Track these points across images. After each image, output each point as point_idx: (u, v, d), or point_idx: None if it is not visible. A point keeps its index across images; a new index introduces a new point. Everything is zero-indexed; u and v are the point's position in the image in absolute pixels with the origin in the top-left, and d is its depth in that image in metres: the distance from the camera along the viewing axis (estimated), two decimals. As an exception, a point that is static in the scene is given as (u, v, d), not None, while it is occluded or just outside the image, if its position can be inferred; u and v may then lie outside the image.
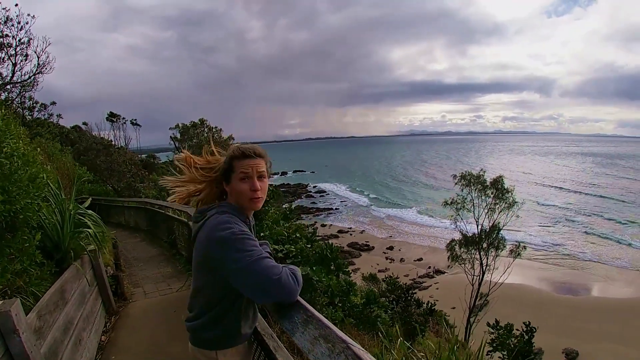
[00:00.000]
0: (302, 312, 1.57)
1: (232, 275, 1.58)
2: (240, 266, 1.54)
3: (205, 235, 1.68)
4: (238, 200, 1.82)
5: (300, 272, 1.75)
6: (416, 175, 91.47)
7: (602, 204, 51.63)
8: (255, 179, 1.79)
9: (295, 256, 6.50)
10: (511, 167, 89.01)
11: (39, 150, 4.15)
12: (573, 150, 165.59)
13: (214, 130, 20.80)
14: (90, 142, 21.14)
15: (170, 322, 4.82)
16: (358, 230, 43.99)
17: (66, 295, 3.36)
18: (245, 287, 1.59)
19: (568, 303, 23.69)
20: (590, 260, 31.14)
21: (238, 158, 1.81)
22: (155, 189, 20.08)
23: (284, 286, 1.57)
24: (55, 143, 15.63)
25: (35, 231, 3.18)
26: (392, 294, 12.92)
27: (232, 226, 1.63)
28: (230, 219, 1.68)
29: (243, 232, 1.63)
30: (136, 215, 14.44)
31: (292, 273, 1.65)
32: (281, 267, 1.62)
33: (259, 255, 1.57)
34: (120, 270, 7.04)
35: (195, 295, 1.83)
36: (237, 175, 1.79)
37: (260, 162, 1.84)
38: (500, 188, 21.87)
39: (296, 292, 1.64)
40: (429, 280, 29.25)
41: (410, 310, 10.71)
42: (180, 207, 9.81)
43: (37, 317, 2.59)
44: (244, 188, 1.78)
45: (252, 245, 1.60)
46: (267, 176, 1.89)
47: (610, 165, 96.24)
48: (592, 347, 18.57)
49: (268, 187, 1.91)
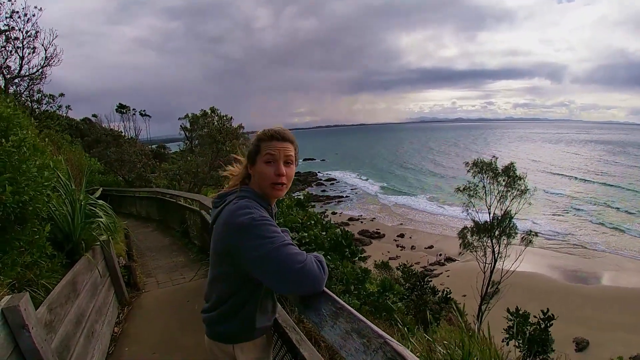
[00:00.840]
0: (331, 304, 1.43)
1: (251, 264, 1.47)
2: (260, 254, 1.43)
3: (223, 221, 1.60)
4: (260, 185, 1.70)
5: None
6: (423, 163, 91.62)
7: (612, 193, 51.15)
8: (282, 164, 1.68)
9: (308, 243, 6.41)
10: (520, 154, 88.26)
11: (47, 141, 4.05)
12: (584, 137, 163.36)
13: (225, 119, 20.70)
14: (100, 133, 21.17)
15: (183, 313, 4.77)
16: (369, 218, 44.16)
17: (78, 287, 3.31)
18: (266, 276, 1.47)
19: (579, 292, 23.61)
20: (599, 250, 30.97)
21: (265, 140, 1.69)
22: (167, 179, 20.14)
23: (309, 275, 1.44)
24: (65, 135, 15.66)
25: (45, 223, 3.11)
26: (407, 282, 12.81)
27: (251, 211, 1.53)
28: (250, 204, 1.59)
29: (264, 218, 1.53)
30: (148, 205, 14.47)
31: (317, 260, 1.52)
32: (305, 255, 1.49)
33: (281, 242, 1.45)
34: (133, 260, 7.02)
35: (212, 284, 1.76)
36: (263, 157, 1.68)
37: (289, 147, 1.72)
38: (512, 175, 21.68)
39: (322, 281, 1.50)
40: (440, 268, 29.29)
41: (425, 299, 10.61)
42: (191, 195, 9.79)
43: (47, 311, 2.52)
44: (268, 171, 1.66)
45: (273, 231, 1.49)
46: (295, 164, 1.78)
47: (621, 153, 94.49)
48: (602, 336, 18.49)
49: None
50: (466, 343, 3.46)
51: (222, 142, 19.22)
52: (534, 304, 18.57)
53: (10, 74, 11.03)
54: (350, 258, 7.36)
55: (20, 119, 3.14)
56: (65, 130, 18.31)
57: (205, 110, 21.40)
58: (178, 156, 26.86)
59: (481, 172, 22.59)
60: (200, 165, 19.44)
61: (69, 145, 10.28)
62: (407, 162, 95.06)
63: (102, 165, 19.32)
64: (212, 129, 19.77)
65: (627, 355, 16.36)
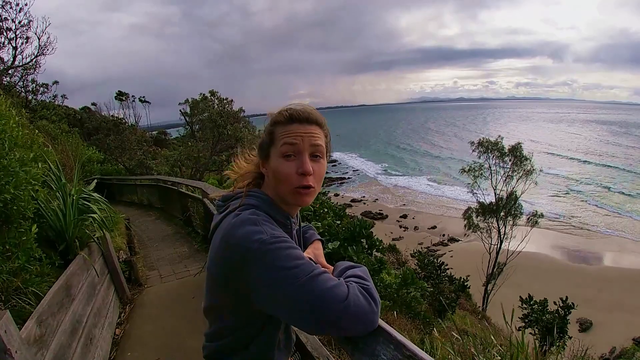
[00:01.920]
0: (395, 349, 0.99)
1: (268, 304, 1.03)
2: (280, 293, 0.98)
3: (220, 241, 1.13)
4: (277, 189, 1.21)
5: (369, 273, 1.17)
6: (419, 144, 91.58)
7: (612, 174, 50.99)
8: (307, 157, 1.16)
9: (322, 234, 6.06)
10: (518, 134, 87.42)
11: (37, 132, 3.74)
12: (585, 117, 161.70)
13: (225, 102, 20.33)
14: (100, 121, 20.87)
15: (189, 311, 4.48)
16: (371, 199, 44.31)
17: (72, 291, 3.01)
18: (293, 320, 1.03)
19: (581, 272, 23.70)
20: (599, 231, 31.04)
21: (282, 122, 1.18)
22: (168, 165, 19.89)
23: (357, 315, 0.98)
24: (62, 125, 15.37)
25: (33, 222, 2.81)
26: (423, 271, 12.50)
27: (259, 229, 1.05)
28: (257, 218, 1.10)
29: (277, 239, 1.04)
30: (149, 193, 14.25)
31: (363, 289, 1.05)
32: (345, 285, 1.01)
33: (309, 273, 0.99)
34: (135, 252, 6.76)
35: (209, 314, 1.29)
36: (279, 149, 1.16)
37: (317, 132, 1.19)
38: (518, 155, 21.43)
39: (376, 317, 1.03)
40: (443, 248, 29.35)
41: (441, 287, 10.36)
42: (193, 183, 9.53)
43: (36, 325, 2.21)
44: (286, 169, 1.15)
45: (295, 257, 1.02)
46: (327, 157, 1.25)
47: (622, 134, 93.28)
48: (605, 317, 18.62)
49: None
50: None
51: (223, 125, 18.91)
52: (538, 284, 18.60)
53: (3, 65, 10.79)
54: (368, 250, 6.85)
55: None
56: (62, 119, 18.06)
57: (204, 94, 21.03)
58: (179, 142, 26.63)
59: (487, 152, 22.36)
60: (201, 150, 19.16)
61: (64, 136, 10.00)
62: (407, 143, 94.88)
63: (102, 153, 19.10)
64: (213, 113, 19.43)
65: (630, 336, 16.40)
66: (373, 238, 7.00)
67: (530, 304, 10.55)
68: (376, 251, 7.22)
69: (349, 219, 7.34)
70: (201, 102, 20.99)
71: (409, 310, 7.13)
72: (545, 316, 9.97)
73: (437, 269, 12.22)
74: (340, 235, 6.40)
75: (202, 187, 7.48)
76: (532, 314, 10.18)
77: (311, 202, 1.25)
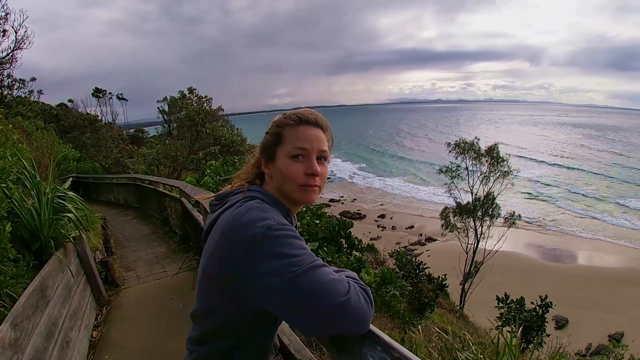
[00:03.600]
0: (382, 351, 0.98)
1: (265, 296, 1.00)
2: (279, 281, 0.96)
3: (222, 231, 1.11)
4: (283, 188, 1.23)
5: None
6: (388, 146, 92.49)
7: (579, 176, 52.31)
8: (315, 159, 1.21)
9: (301, 233, 6.04)
10: (490, 138, 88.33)
11: (11, 128, 3.62)
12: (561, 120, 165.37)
13: (204, 100, 20.13)
14: (76, 118, 20.39)
15: (167, 312, 4.40)
16: (349, 199, 44.34)
17: (48, 293, 2.92)
18: (288, 314, 1.01)
19: (557, 271, 24.19)
20: (572, 232, 31.82)
21: (291, 124, 1.23)
22: (145, 164, 19.60)
23: (355, 314, 0.98)
24: (38, 121, 14.98)
25: (7, 221, 2.72)
26: (401, 270, 12.59)
27: (265, 216, 1.06)
28: (263, 206, 1.12)
29: (284, 226, 1.04)
30: (126, 192, 13.96)
31: (362, 290, 1.06)
32: (347, 283, 1.02)
33: (312, 262, 0.99)
34: (111, 252, 6.63)
35: (198, 319, 1.25)
36: (287, 150, 1.20)
37: (323, 137, 1.25)
38: (495, 156, 21.81)
39: (370, 320, 1.03)
40: (421, 248, 29.60)
41: (420, 287, 10.46)
42: (171, 182, 9.40)
43: (11, 328, 2.13)
44: (295, 170, 1.19)
45: (299, 246, 1.02)
46: (328, 160, 1.29)
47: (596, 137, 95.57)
48: (581, 314, 19.06)
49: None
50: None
51: (201, 124, 18.72)
52: (514, 283, 18.98)
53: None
54: (348, 250, 6.84)
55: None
56: (38, 116, 17.60)
57: (183, 91, 20.78)
58: (156, 140, 26.22)
59: (463, 153, 22.68)
60: (179, 149, 18.93)
61: (40, 133, 9.75)
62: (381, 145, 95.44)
63: (78, 151, 18.66)
64: (191, 111, 19.21)
65: (605, 334, 16.88)
66: (352, 238, 7.00)
67: (506, 302, 10.75)
68: (355, 251, 7.21)
69: (327, 219, 7.29)
70: (179, 100, 20.74)
71: (389, 309, 7.18)
72: (523, 314, 10.17)
73: (416, 268, 12.33)
74: (319, 235, 6.38)
75: (180, 186, 7.36)
76: (509, 312, 10.37)
77: (315, 201, 1.29)
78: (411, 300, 9.24)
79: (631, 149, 75.72)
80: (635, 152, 70.27)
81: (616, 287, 21.40)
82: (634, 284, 21.54)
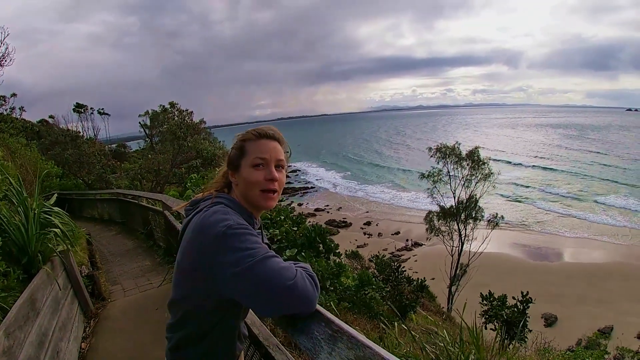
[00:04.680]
0: (325, 325, 1.20)
1: (228, 283, 1.20)
2: (239, 270, 1.16)
3: (192, 230, 1.33)
4: (246, 194, 1.45)
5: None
6: (365, 154, 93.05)
7: (558, 177, 53.27)
8: (273, 167, 1.43)
9: (280, 240, 6.21)
10: (466, 142, 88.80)
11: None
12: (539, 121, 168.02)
13: (185, 113, 20.15)
14: (57, 134, 20.22)
15: (153, 322, 4.50)
16: (335, 208, 44.45)
17: (37, 305, 3.02)
18: (247, 297, 1.21)
19: (543, 269, 24.52)
20: (557, 232, 32.33)
21: (252, 139, 1.45)
22: (128, 179, 19.51)
23: (301, 294, 1.20)
24: (20, 138, 14.87)
25: (-4, 237, 2.83)
26: (381, 274, 12.78)
27: (226, 217, 1.28)
28: (227, 210, 1.34)
29: (241, 226, 1.26)
30: (109, 208, 13.91)
31: (308, 275, 1.29)
32: (294, 269, 1.25)
33: (264, 254, 1.20)
34: (97, 267, 6.68)
35: (173, 307, 1.44)
36: (249, 161, 1.42)
37: (279, 148, 1.48)
38: (476, 160, 22.15)
39: (316, 300, 1.27)
40: (408, 253, 29.83)
41: (400, 289, 10.64)
42: (153, 195, 9.45)
43: (5, 336, 2.25)
44: (256, 177, 1.41)
45: (254, 241, 1.24)
46: (285, 169, 1.52)
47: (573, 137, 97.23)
48: (569, 311, 19.34)
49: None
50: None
51: (183, 137, 18.74)
52: (501, 283, 19.20)
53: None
54: (326, 254, 7.08)
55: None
56: (20, 133, 17.44)
57: (164, 105, 20.79)
58: (138, 155, 26.06)
59: (445, 158, 23.00)
60: (161, 163, 18.91)
61: (23, 149, 9.72)
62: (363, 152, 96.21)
63: (60, 168, 18.54)
64: (172, 125, 19.24)
65: (594, 328, 17.19)
66: (328, 243, 7.26)
67: (490, 300, 10.98)
68: (333, 255, 7.43)
69: (306, 226, 7.49)
70: (161, 114, 20.74)
71: (368, 311, 7.39)
72: (504, 311, 10.42)
73: (395, 271, 12.51)
74: (297, 241, 6.58)
75: (162, 199, 7.47)
76: (491, 309, 10.60)
77: (274, 206, 1.51)
78: (392, 302, 9.39)
79: (609, 147, 77.32)
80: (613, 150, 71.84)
81: (603, 282, 21.87)
82: (620, 278, 22.06)
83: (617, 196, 41.08)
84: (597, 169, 56.30)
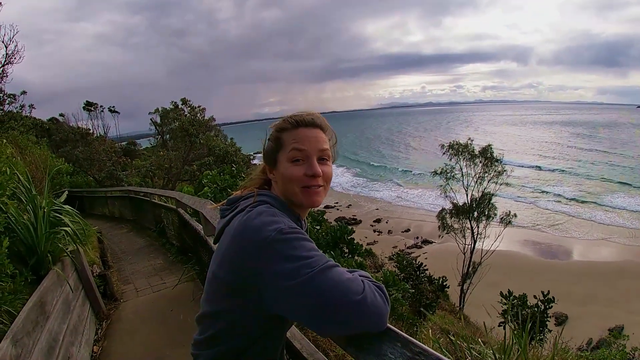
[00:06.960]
0: (402, 347, 0.97)
1: (279, 299, 0.99)
2: (294, 283, 0.95)
3: (233, 235, 1.10)
4: (286, 192, 1.23)
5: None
6: (375, 151, 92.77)
7: (567, 177, 52.17)
8: (315, 160, 1.20)
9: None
10: (478, 138, 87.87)
11: (5, 142, 3.57)
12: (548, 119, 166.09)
13: (197, 110, 20.04)
14: (68, 132, 20.26)
15: (167, 324, 4.35)
16: (345, 205, 44.23)
17: (47, 308, 2.87)
18: (304, 315, 0.98)
19: (553, 267, 24.19)
20: (561, 231, 31.82)
21: (288, 128, 1.24)
22: (139, 176, 19.49)
23: (372, 310, 0.98)
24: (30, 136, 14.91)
25: (4, 236, 2.66)
26: (402, 272, 12.52)
27: (276, 220, 1.06)
28: (274, 211, 1.13)
29: (294, 230, 1.05)
30: (120, 205, 13.87)
31: (377, 287, 1.05)
32: (361, 280, 1.02)
33: (325, 263, 0.98)
34: (108, 266, 6.55)
35: (205, 321, 1.22)
36: (287, 154, 1.21)
37: (322, 136, 1.25)
38: (489, 157, 21.86)
39: (387, 317, 1.03)
40: (418, 251, 29.47)
41: (421, 288, 10.40)
42: (166, 192, 9.32)
43: (12, 345, 2.09)
44: (295, 173, 1.19)
45: (310, 248, 1.02)
46: (332, 160, 1.30)
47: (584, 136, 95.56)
48: (580, 310, 19.07)
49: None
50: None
51: (195, 134, 18.65)
52: (511, 281, 18.97)
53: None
54: (349, 255, 6.80)
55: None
56: (30, 130, 17.49)
57: (176, 102, 20.71)
58: (149, 152, 26.06)
59: (457, 155, 22.72)
60: (173, 160, 18.84)
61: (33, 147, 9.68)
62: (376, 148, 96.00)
63: (71, 165, 18.57)
64: (184, 122, 19.13)
65: (605, 328, 16.91)
66: (354, 243, 6.97)
67: (509, 299, 10.74)
68: (357, 255, 7.17)
69: (327, 225, 7.25)
70: (172, 111, 20.66)
71: (393, 312, 7.16)
72: (525, 310, 10.17)
73: (416, 270, 12.25)
74: (321, 240, 6.33)
75: (176, 196, 7.29)
76: (512, 309, 10.37)
77: (321, 202, 1.28)
78: (412, 302, 9.19)
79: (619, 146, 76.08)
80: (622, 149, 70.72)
81: (613, 281, 21.46)
82: (630, 277, 21.65)
83: (627, 196, 40.32)
84: (606, 168, 55.40)
